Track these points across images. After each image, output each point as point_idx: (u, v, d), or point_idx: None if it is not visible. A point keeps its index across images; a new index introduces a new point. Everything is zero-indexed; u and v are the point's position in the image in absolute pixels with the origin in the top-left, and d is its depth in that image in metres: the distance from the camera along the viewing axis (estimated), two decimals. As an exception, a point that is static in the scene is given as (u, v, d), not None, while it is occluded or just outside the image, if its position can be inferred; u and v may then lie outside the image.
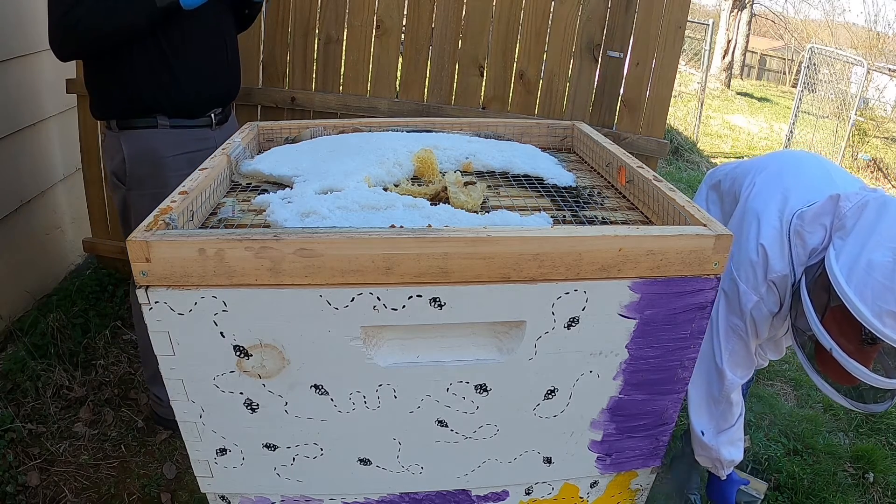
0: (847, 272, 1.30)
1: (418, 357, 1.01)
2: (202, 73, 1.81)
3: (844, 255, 1.33)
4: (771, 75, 17.80)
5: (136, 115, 1.76)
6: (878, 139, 7.52)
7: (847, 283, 1.29)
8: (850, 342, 1.30)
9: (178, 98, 1.78)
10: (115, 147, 1.80)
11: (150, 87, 1.74)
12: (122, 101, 1.76)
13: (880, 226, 1.33)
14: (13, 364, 2.26)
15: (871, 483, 2.22)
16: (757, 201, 1.60)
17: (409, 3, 2.47)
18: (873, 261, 1.28)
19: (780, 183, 1.61)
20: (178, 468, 2.01)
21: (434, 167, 1.32)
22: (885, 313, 1.24)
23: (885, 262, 1.26)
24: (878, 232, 1.32)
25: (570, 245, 0.94)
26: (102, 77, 1.74)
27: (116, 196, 1.89)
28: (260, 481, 1.11)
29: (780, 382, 2.77)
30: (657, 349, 1.05)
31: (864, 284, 1.27)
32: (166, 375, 0.97)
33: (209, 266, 0.89)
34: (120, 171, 1.82)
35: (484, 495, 1.20)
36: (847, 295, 1.28)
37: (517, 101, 2.54)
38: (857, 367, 1.28)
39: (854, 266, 1.30)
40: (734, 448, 1.69)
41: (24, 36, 2.51)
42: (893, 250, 1.28)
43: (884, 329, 1.24)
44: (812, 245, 1.46)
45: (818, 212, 1.46)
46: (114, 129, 1.79)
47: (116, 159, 1.81)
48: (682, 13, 2.36)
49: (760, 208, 1.58)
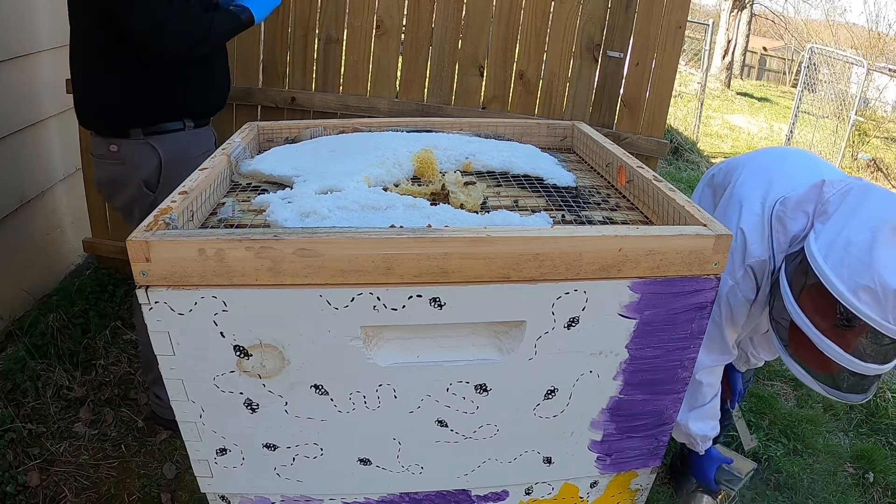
0: (825, 251, 1.30)
1: (418, 357, 1.01)
2: (226, 78, 1.94)
3: (824, 236, 1.33)
4: (771, 75, 17.81)
5: (167, 119, 1.79)
6: (878, 139, 7.52)
7: (825, 261, 1.28)
8: (826, 322, 1.29)
9: (209, 102, 1.89)
10: (144, 154, 1.78)
11: (190, 91, 1.81)
12: (160, 106, 1.77)
13: (861, 209, 1.33)
14: (13, 364, 2.26)
15: (871, 483, 2.22)
16: (742, 189, 1.61)
17: (409, 3, 2.47)
18: (851, 239, 1.28)
19: (767, 173, 1.62)
20: (178, 468, 2.01)
21: (434, 167, 1.32)
22: (860, 288, 1.23)
23: (862, 239, 1.26)
24: (859, 214, 1.32)
25: (570, 245, 0.94)
26: (146, 85, 1.73)
27: (142, 206, 1.82)
28: (260, 481, 1.11)
29: (780, 382, 2.77)
30: (657, 349, 1.05)
31: (841, 262, 1.26)
32: (166, 375, 0.97)
33: (209, 266, 0.89)
34: (153, 177, 1.80)
35: (484, 495, 1.20)
36: (823, 271, 1.27)
37: (517, 101, 2.54)
38: (832, 346, 1.27)
39: (832, 245, 1.30)
40: (704, 424, 1.71)
41: (24, 36, 2.51)
42: (872, 228, 1.27)
43: (859, 305, 1.23)
44: (794, 231, 1.46)
45: (802, 198, 1.47)
46: (137, 138, 1.76)
47: (149, 166, 1.79)
48: (682, 13, 2.36)
49: (744, 195, 1.59)
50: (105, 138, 1.79)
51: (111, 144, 1.78)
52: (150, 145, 1.78)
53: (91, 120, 1.82)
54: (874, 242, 1.25)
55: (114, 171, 1.82)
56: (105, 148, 1.79)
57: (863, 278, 1.23)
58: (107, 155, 1.80)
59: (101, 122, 1.80)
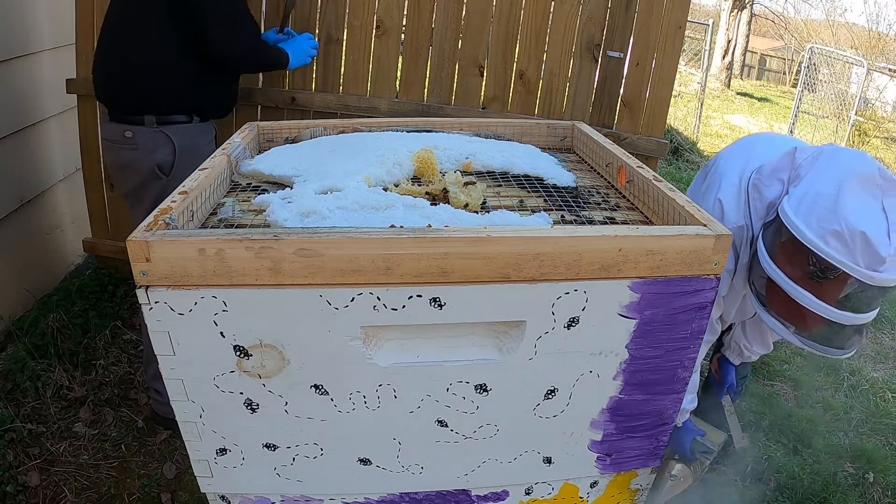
0: (796, 206, 1.35)
1: (418, 357, 1.01)
2: (236, 88, 2.13)
3: (795, 195, 1.38)
4: (771, 75, 17.80)
5: (180, 112, 1.92)
6: (878, 139, 7.52)
7: (795, 215, 1.34)
8: (800, 273, 1.34)
9: (224, 107, 2.08)
10: (159, 141, 1.89)
11: (210, 93, 1.99)
12: (186, 100, 1.91)
13: (830, 166, 1.39)
14: (13, 364, 2.26)
15: (871, 483, 2.22)
16: (723, 167, 1.68)
17: (409, 3, 2.47)
18: (820, 191, 1.33)
19: (745, 151, 1.70)
20: (178, 468, 2.01)
21: (434, 167, 1.32)
22: (828, 234, 1.27)
23: (829, 191, 1.32)
24: (828, 171, 1.38)
25: (570, 245, 0.94)
26: (184, 78, 1.88)
27: (152, 189, 1.92)
28: (260, 481, 1.11)
29: (780, 382, 2.77)
30: (657, 349, 1.05)
31: (810, 213, 1.32)
32: (166, 375, 0.97)
33: (209, 266, 0.89)
34: (167, 162, 1.91)
35: (484, 495, 1.20)
36: (794, 223, 1.33)
37: (517, 101, 2.54)
38: (807, 295, 1.31)
39: (802, 199, 1.35)
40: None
41: (24, 36, 2.51)
42: (839, 180, 1.32)
43: (828, 249, 1.27)
44: (770, 198, 1.50)
45: (776, 166, 1.52)
46: (151, 125, 1.88)
47: (163, 151, 1.90)
48: (682, 13, 2.36)
49: (724, 171, 1.65)
50: (119, 124, 1.89)
51: (126, 131, 1.88)
52: (163, 133, 1.89)
53: (117, 96, 1.90)
54: (840, 191, 1.30)
55: (127, 156, 1.92)
56: (120, 134, 1.89)
57: (830, 224, 1.28)
58: (121, 140, 1.90)
59: (131, 107, 1.88)
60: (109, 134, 1.93)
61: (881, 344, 3.20)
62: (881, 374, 2.88)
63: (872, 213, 1.28)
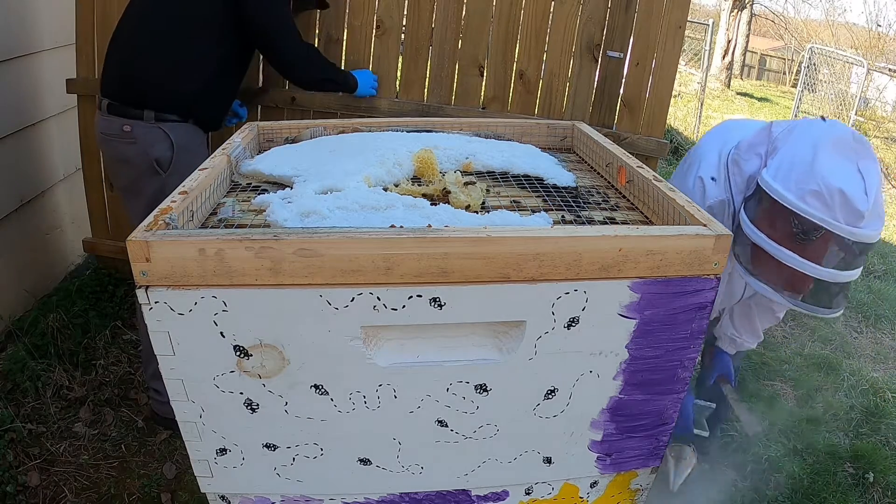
0: (774, 173, 1.40)
1: (418, 357, 1.01)
2: (230, 105, 2.22)
3: (773, 164, 1.43)
4: (771, 75, 17.79)
5: (176, 112, 1.96)
6: (878, 139, 7.52)
7: (774, 180, 1.38)
8: (783, 235, 1.37)
9: (219, 120, 2.15)
10: (157, 136, 1.92)
11: (215, 106, 2.09)
12: (189, 103, 1.96)
13: (805, 136, 1.43)
14: (13, 364, 2.26)
15: (871, 483, 2.22)
16: (702, 148, 1.74)
17: (409, 3, 2.47)
18: (796, 157, 1.38)
19: (724, 133, 1.74)
20: (178, 468, 2.01)
21: (434, 167, 1.32)
22: (807, 194, 1.32)
23: (806, 155, 1.37)
24: (803, 139, 1.42)
25: (570, 245, 0.94)
26: (200, 79, 1.97)
27: (151, 185, 1.94)
28: (260, 481, 1.11)
29: (780, 382, 2.77)
30: (657, 349, 1.05)
31: (788, 177, 1.37)
32: (166, 375, 0.97)
33: (209, 266, 0.89)
34: (165, 157, 1.93)
35: (484, 495, 1.20)
36: (774, 188, 1.37)
37: (517, 101, 2.54)
38: (790, 254, 1.35)
39: (780, 167, 1.40)
40: None
41: (24, 36, 2.51)
42: (814, 146, 1.37)
43: (808, 209, 1.31)
44: (749, 172, 1.54)
45: (753, 141, 1.56)
46: (149, 121, 1.92)
47: (161, 146, 1.92)
48: (682, 13, 2.36)
49: (703, 152, 1.71)
50: (118, 118, 1.92)
51: (124, 125, 1.92)
52: (161, 129, 1.92)
53: (121, 88, 1.94)
54: (816, 154, 1.35)
55: (126, 150, 1.95)
56: (118, 128, 1.93)
57: (809, 184, 1.32)
58: (119, 134, 1.93)
59: (133, 101, 1.92)
60: (107, 128, 1.96)
61: (881, 344, 3.20)
62: (881, 374, 2.88)
63: (849, 173, 1.32)
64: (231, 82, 2.12)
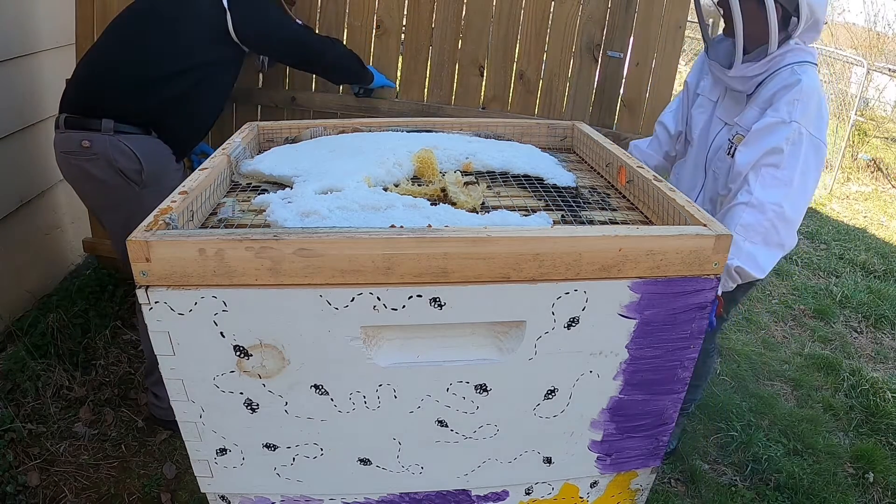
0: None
1: (418, 357, 1.01)
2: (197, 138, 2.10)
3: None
4: (771, 75, 17.75)
5: (132, 123, 1.85)
6: (878, 139, 7.51)
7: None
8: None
9: (187, 147, 2.05)
10: (118, 148, 1.82)
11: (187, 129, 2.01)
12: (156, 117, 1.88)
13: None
14: (13, 364, 2.26)
15: (871, 483, 2.22)
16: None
17: (409, 3, 2.47)
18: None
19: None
20: (178, 468, 2.01)
21: (434, 167, 1.32)
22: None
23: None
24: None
25: (570, 245, 0.94)
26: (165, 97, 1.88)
27: (127, 199, 1.85)
28: (260, 481, 1.11)
29: (780, 382, 2.77)
30: (657, 349, 1.05)
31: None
32: (166, 375, 0.97)
33: (209, 266, 0.89)
34: (132, 168, 1.84)
35: (484, 495, 1.20)
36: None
37: (517, 101, 2.54)
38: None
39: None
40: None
41: (24, 36, 2.51)
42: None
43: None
44: None
45: None
46: (108, 132, 1.81)
47: (124, 158, 1.83)
48: (682, 13, 2.36)
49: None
50: (77, 131, 1.82)
51: (83, 140, 1.81)
52: (120, 142, 1.82)
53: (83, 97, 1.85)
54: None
55: (88, 167, 1.85)
56: (77, 143, 1.82)
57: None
58: (79, 151, 1.83)
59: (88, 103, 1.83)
60: (65, 145, 1.84)
61: (881, 344, 3.20)
62: (881, 374, 2.88)
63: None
64: (202, 110, 2.02)
